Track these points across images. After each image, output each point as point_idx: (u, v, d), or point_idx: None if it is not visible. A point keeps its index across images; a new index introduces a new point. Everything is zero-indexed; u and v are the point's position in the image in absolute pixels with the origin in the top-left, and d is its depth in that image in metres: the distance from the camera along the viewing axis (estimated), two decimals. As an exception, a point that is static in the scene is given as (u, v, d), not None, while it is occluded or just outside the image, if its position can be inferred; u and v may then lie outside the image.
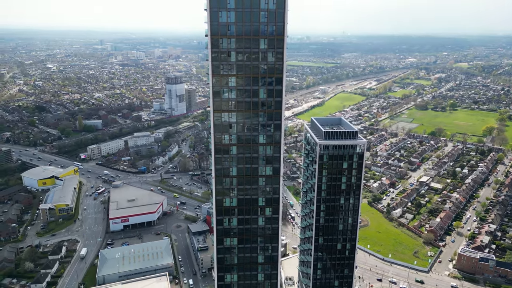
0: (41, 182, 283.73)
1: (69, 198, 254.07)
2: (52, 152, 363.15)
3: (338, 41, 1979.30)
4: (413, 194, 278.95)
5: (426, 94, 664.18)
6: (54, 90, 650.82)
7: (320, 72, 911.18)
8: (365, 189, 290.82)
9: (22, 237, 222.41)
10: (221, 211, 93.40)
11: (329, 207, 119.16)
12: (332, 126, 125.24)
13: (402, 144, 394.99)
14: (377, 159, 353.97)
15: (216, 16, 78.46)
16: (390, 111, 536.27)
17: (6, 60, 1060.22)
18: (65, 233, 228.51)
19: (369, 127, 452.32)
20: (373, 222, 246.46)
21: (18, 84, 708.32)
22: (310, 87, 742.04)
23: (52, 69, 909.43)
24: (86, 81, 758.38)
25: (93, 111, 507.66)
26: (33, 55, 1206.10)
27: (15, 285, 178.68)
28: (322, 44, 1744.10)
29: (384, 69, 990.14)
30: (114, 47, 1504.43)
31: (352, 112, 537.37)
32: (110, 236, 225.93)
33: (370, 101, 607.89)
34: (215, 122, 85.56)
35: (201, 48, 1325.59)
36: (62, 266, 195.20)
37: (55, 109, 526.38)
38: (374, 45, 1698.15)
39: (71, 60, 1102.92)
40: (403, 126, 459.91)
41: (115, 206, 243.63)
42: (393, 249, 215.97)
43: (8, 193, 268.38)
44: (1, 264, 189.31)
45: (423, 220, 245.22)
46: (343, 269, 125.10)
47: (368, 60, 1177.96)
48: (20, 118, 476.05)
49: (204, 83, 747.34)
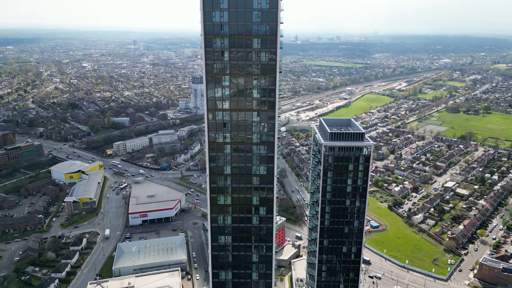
0: (68, 176, 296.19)
1: (92, 192, 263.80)
2: (81, 148, 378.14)
3: (369, 41, 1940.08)
4: (436, 200, 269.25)
5: (459, 96, 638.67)
6: (87, 88, 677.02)
7: (348, 73, 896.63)
8: (386, 192, 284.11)
9: (47, 227, 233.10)
10: (215, 209, 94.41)
11: (334, 209, 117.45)
12: (340, 127, 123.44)
13: (429, 147, 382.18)
14: (401, 162, 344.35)
15: (209, 15, 79.41)
16: (418, 113, 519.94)
17: (45, 58, 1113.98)
18: (87, 226, 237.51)
19: (395, 129, 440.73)
20: (392, 227, 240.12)
21: (54, 82, 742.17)
22: (337, 87, 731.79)
23: (87, 68, 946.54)
24: (118, 79, 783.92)
25: (122, 108, 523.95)
26: (70, 54, 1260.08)
27: (37, 273, 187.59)
28: (352, 44, 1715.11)
29: (416, 70, 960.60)
30: (147, 47, 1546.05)
31: (379, 113, 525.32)
32: (129, 230, 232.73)
33: (398, 103, 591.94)
34: (209, 121, 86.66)
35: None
36: (82, 257, 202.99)
37: (86, 106, 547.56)
38: (407, 45, 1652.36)
39: (105, 59, 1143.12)
40: (431, 129, 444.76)
41: (135, 201, 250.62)
42: (411, 255, 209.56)
43: (37, 185, 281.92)
44: (25, 252, 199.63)
45: (445, 226, 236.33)
46: (349, 273, 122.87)
47: (399, 60, 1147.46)
48: (54, 114, 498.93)
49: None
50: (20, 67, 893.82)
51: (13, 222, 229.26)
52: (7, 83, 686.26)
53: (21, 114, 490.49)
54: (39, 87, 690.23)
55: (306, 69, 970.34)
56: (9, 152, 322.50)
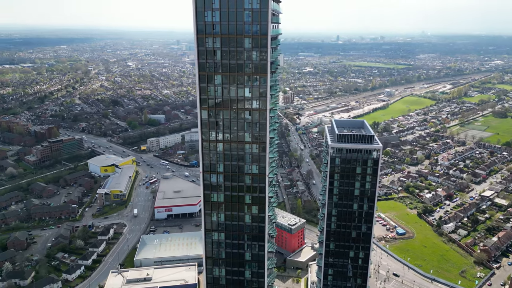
0: (103, 169, 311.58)
1: (123, 185, 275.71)
2: (118, 143, 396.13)
3: (415, 41, 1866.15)
4: (471, 209, 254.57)
5: (508, 101, 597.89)
6: (129, 86, 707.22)
7: (389, 74, 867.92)
8: (417, 199, 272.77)
9: (80, 217, 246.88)
10: (209, 206, 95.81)
11: (341, 212, 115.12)
12: (352, 129, 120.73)
13: (469, 153, 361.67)
14: (437, 168, 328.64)
15: (202, 15, 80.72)
16: (461, 118, 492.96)
17: (94, 57, 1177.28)
18: (116, 217, 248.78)
19: (433, 134, 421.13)
20: (420, 235, 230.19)
21: (100, 80, 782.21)
22: (376, 89, 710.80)
23: (131, 67, 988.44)
24: (158, 78, 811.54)
25: (159, 106, 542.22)
26: (117, 53, 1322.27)
27: (66, 259, 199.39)
28: (396, 45, 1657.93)
29: (463, 72, 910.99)
30: (189, 47, 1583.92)
31: (418, 116, 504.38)
32: (154, 224, 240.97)
33: (440, 106, 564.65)
34: (203, 119, 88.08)
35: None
36: (108, 246, 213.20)
37: (127, 103, 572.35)
38: (457, 46, 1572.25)
39: (149, 58, 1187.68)
40: (473, 134, 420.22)
41: (161, 196, 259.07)
42: (437, 266, 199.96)
43: (75, 177, 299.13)
44: (57, 239, 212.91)
45: (478, 238, 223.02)
46: (356, 278, 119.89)
47: (446, 61, 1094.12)
48: (97, 110, 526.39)
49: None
50: (71, 65, 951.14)
51: (49, 210, 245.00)
52: (58, 80, 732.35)
53: (68, 110, 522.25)
54: (86, 84, 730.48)
55: (345, 69, 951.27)
56: (52, 145, 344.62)
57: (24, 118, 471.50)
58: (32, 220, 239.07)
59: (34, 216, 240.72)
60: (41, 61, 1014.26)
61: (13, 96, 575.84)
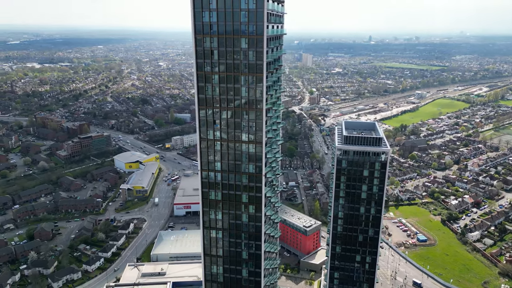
0: (128, 165, 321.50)
1: (146, 181, 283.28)
2: (144, 140, 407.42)
3: (452, 41, 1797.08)
4: (499, 218, 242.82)
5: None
6: (159, 85, 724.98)
7: (422, 75, 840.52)
8: (442, 205, 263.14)
9: (103, 211, 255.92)
10: (207, 203, 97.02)
11: (347, 215, 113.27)
12: (362, 131, 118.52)
13: (501, 160, 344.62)
14: (465, 174, 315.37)
15: (199, 16, 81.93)
16: (496, 122, 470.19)
17: (128, 57, 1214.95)
18: (137, 212, 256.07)
19: (464, 138, 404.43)
20: (442, 243, 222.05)
21: (132, 79, 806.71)
22: (406, 91, 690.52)
23: (162, 67, 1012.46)
24: (187, 78, 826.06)
25: (186, 105, 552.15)
26: (150, 53, 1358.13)
27: (88, 251, 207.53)
28: (432, 45, 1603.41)
29: (502, 74, 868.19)
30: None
31: (449, 120, 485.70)
32: (173, 220, 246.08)
33: (474, 109, 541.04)
34: (201, 118, 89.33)
35: (300, 48, 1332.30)
36: (127, 240, 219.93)
37: (155, 102, 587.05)
38: (497, 46, 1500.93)
39: (180, 58, 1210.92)
40: (508, 139, 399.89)
41: (181, 193, 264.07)
42: (459, 275, 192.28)
43: (101, 172, 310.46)
44: (80, 231, 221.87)
45: (505, 248, 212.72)
46: (362, 283, 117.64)
47: (484, 63, 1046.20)
48: (127, 108, 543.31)
49: (293, 83, 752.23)
50: (106, 64, 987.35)
51: (75, 203, 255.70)
52: (92, 79, 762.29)
53: (99, 107, 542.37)
54: (119, 83, 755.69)
55: (375, 70, 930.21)
56: (82, 141, 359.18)
57: (58, 114, 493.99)
58: (59, 212, 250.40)
59: (61, 209, 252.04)
60: (79, 61, 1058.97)
61: (50, 94, 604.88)
